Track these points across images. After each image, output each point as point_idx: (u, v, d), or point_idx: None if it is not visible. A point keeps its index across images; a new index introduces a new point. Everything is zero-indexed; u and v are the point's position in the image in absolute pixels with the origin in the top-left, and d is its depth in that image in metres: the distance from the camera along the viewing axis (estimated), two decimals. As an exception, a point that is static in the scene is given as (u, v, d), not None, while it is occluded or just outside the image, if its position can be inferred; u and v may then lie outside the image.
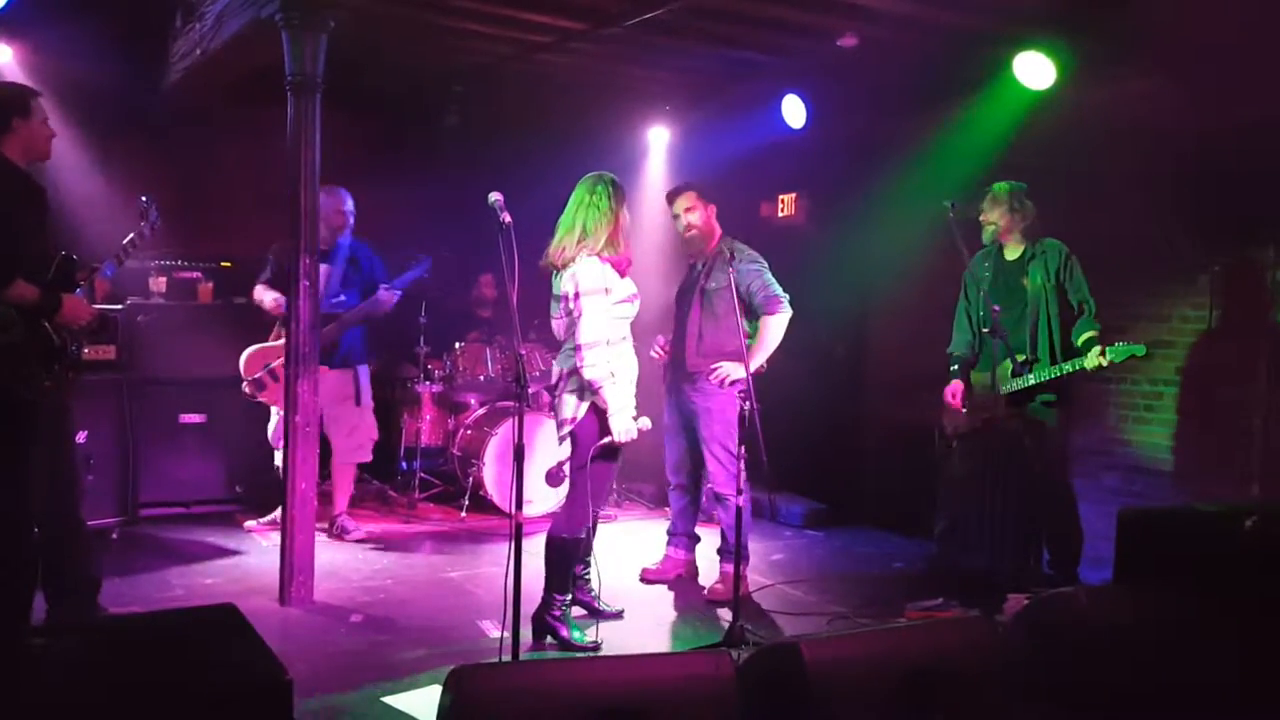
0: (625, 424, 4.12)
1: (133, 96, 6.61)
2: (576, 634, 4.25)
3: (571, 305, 4.14)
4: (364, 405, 5.93)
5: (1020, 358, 4.75)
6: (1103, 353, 4.49)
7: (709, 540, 5.33)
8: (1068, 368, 4.64)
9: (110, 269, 4.17)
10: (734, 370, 4.81)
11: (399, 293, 5.85)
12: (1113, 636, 2.95)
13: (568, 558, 4.28)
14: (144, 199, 4.43)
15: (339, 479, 5.95)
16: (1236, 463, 4.92)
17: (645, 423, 4.22)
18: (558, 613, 4.26)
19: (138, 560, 5.24)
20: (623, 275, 4.24)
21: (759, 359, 4.89)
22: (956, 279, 5.16)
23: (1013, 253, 4.99)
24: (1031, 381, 4.71)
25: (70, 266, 3.95)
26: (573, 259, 4.16)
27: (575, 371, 4.17)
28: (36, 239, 3.84)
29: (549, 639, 4.26)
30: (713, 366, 4.89)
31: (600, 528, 4.70)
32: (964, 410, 4.96)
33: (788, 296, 4.94)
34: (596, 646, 4.24)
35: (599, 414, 4.18)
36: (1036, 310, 4.82)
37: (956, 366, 5.07)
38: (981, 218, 4.99)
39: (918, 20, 5.27)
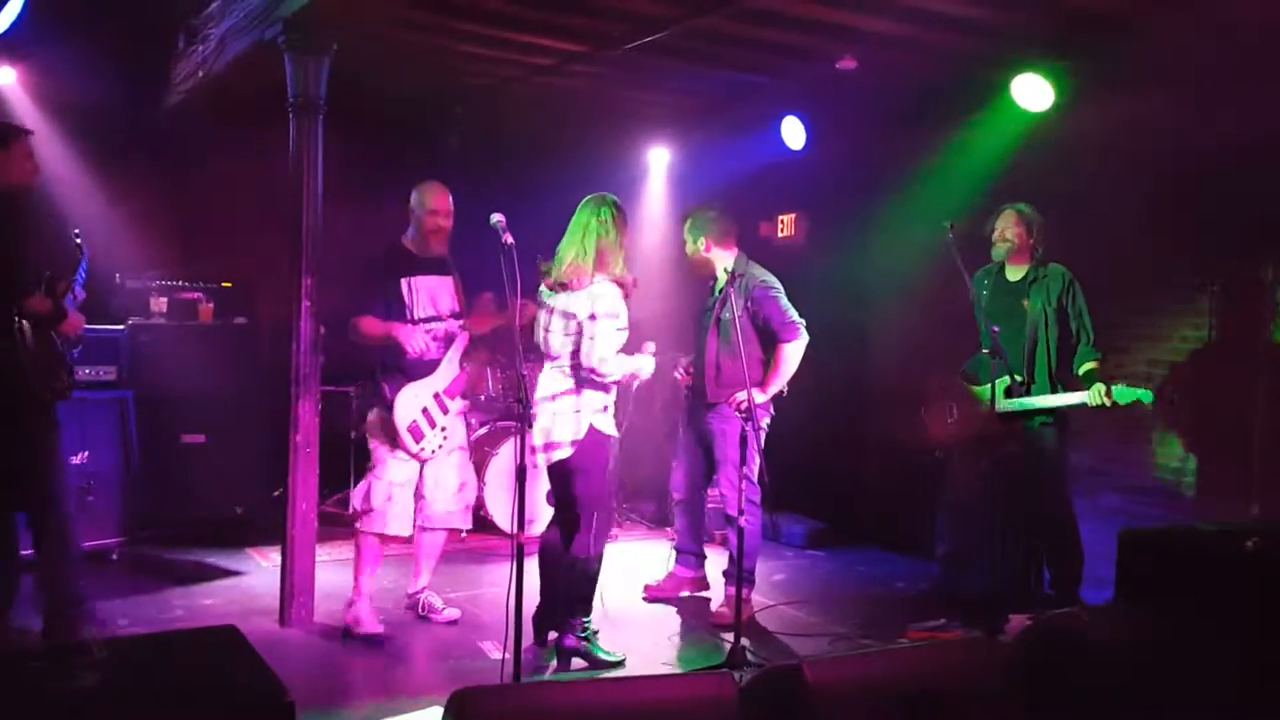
0: (645, 365, 4.36)
1: (135, 118, 6.64)
2: (601, 652, 4.32)
3: (584, 325, 4.18)
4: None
5: (1018, 378, 4.76)
6: (1108, 393, 4.48)
7: (717, 560, 5.33)
8: (1072, 401, 4.64)
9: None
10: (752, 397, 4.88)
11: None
12: (1114, 657, 2.95)
13: (590, 580, 4.32)
14: (75, 232, 4.58)
15: (429, 545, 4.87)
16: (1236, 482, 4.92)
17: (648, 367, 4.41)
18: (582, 634, 4.30)
19: (138, 581, 5.23)
20: (626, 299, 4.31)
21: (776, 386, 4.94)
22: (954, 298, 5.16)
23: (1015, 274, 4.99)
24: (1029, 405, 4.72)
25: (55, 283, 4.30)
26: (589, 283, 4.20)
27: (576, 390, 4.22)
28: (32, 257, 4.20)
29: (576, 660, 4.28)
30: (733, 396, 4.90)
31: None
32: (951, 423, 4.99)
33: (804, 322, 4.98)
34: (623, 660, 4.32)
35: (598, 434, 4.22)
36: (1034, 334, 4.83)
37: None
38: (996, 234, 4.97)
39: (916, 43, 5.31)
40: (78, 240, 4.56)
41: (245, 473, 6.25)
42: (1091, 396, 4.53)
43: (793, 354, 4.94)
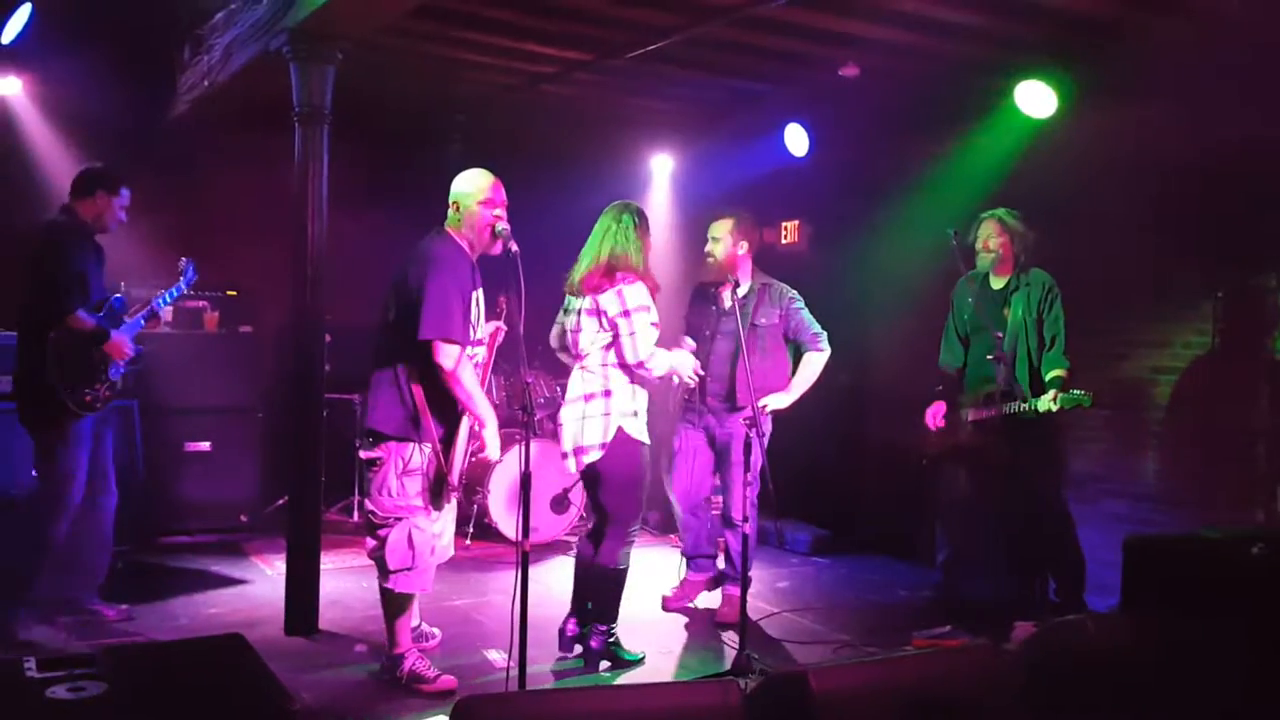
0: (685, 362, 4.45)
1: (140, 127, 6.66)
2: (624, 654, 4.39)
3: (619, 323, 4.17)
4: None
5: (989, 388, 4.77)
6: (1055, 398, 4.53)
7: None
8: (1026, 407, 4.65)
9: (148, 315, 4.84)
10: (776, 401, 4.92)
11: None
12: (1120, 664, 2.94)
13: (615, 588, 4.36)
14: (183, 260, 5.02)
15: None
16: (1241, 488, 4.91)
17: (687, 365, 4.49)
18: (609, 639, 4.36)
19: (143, 589, 5.23)
20: (653, 298, 4.33)
21: (800, 391, 4.99)
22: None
23: (998, 282, 4.97)
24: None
25: (120, 307, 4.67)
26: (610, 284, 4.19)
27: (606, 392, 4.21)
28: (96, 283, 4.59)
29: (604, 663, 4.35)
30: (761, 400, 4.88)
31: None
32: (939, 432, 5.01)
33: (825, 333, 5.04)
34: (643, 657, 4.43)
35: (627, 438, 4.22)
36: (1015, 341, 4.81)
37: (940, 387, 5.09)
38: (980, 244, 4.94)
39: (919, 50, 5.32)
40: (181, 266, 4.96)
41: (250, 481, 6.27)
42: (1041, 404, 4.57)
43: (820, 362, 5.02)
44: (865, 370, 6.83)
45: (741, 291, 5.00)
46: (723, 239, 5.03)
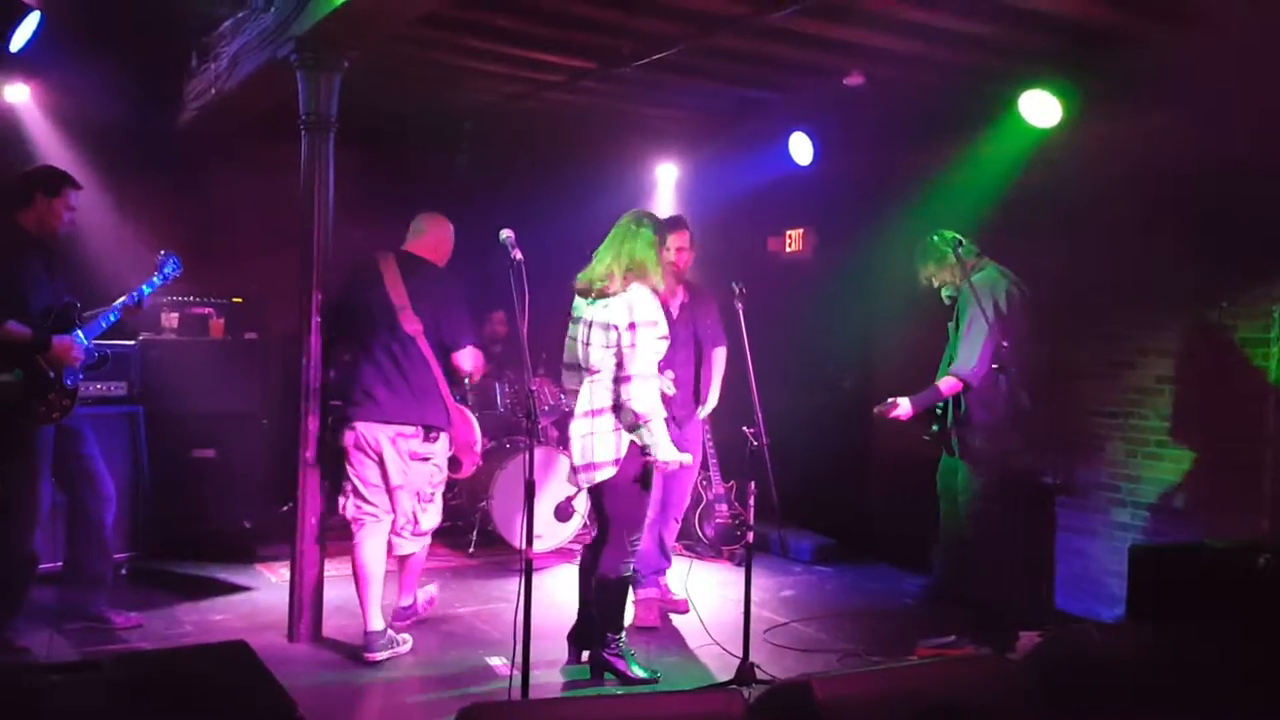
0: (672, 454, 4.12)
1: (147, 134, 6.69)
2: (636, 668, 4.31)
3: (623, 335, 4.06)
4: None
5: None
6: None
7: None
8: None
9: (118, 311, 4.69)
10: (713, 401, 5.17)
11: None
12: (1125, 673, 2.94)
13: (618, 597, 4.32)
14: (162, 253, 4.88)
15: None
16: (1247, 498, 4.90)
17: (686, 458, 4.26)
18: (615, 649, 4.31)
19: (148, 596, 5.24)
20: (666, 311, 4.32)
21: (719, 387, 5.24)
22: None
23: (952, 291, 4.98)
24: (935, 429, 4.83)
25: (70, 312, 4.47)
26: (623, 288, 4.12)
27: (615, 408, 4.10)
28: (42, 290, 4.40)
29: (608, 676, 4.29)
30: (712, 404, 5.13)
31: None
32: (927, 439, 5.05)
33: None
34: (656, 678, 4.32)
35: (638, 451, 4.13)
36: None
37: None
38: (928, 280, 4.90)
39: (924, 59, 5.32)
40: (159, 259, 4.84)
41: (254, 487, 6.27)
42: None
43: (724, 357, 5.23)
44: (869, 378, 6.82)
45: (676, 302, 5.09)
46: (687, 249, 5.06)
